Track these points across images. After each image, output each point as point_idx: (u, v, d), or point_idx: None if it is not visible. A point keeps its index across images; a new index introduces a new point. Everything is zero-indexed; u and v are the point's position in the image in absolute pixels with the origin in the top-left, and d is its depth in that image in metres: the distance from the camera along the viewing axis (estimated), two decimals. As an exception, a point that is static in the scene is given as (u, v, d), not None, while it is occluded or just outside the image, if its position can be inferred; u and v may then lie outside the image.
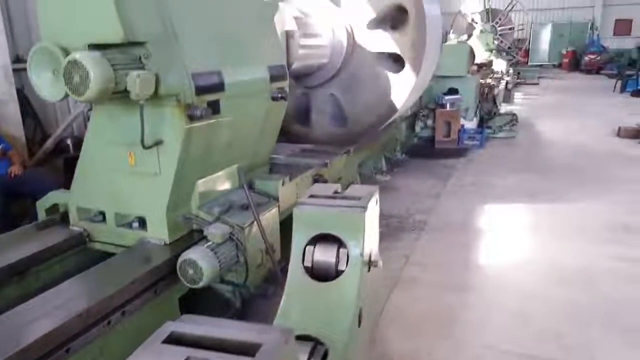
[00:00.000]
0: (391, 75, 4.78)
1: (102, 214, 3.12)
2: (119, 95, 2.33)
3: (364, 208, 1.96)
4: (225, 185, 3.32)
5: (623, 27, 28.00)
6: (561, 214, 5.35)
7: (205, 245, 2.78)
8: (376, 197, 2.16)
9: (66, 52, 2.32)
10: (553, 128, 10.32)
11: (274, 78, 3.50)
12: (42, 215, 3.48)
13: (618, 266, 4.12)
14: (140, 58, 2.42)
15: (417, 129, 8.36)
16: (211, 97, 2.81)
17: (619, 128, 9.18)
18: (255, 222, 3.04)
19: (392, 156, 7.64)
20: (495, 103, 10.21)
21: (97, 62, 2.16)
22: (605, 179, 6.62)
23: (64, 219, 3.31)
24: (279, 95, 3.49)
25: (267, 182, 3.65)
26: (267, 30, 3.49)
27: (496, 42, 19.74)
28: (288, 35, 3.91)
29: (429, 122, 8.47)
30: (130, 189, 2.94)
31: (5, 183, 4.62)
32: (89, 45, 2.34)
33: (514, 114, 10.07)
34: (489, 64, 12.63)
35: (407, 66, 4.69)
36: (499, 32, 22.12)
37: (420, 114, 8.23)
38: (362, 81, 4.86)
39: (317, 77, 4.87)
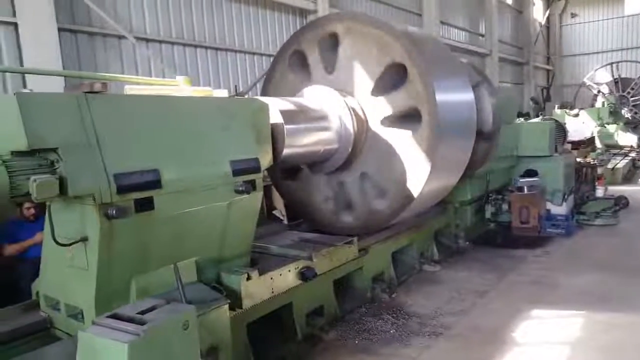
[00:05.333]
0: (401, 172, 4.55)
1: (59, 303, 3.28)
2: (23, 198, 2.50)
3: (135, 335, 1.73)
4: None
5: None
6: (629, 329, 4.30)
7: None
8: (189, 320, 1.91)
9: (-15, 159, 2.58)
10: (675, 214, 8.65)
11: (239, 171, 3.49)
12: (34, 297, 3.78)
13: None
14: (53, 162, 2.59)
15: (488, 214, 7.60)
16: (140, 194, 2.87)
17: None
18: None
19: (451, 244, 6.99)
20: (594, 185, 8.92)
21: (-10, 170, 2.37)
22: None
23: (41, 304, 3.55)
24: (242, 188, 3.46)
25: (230, 276, 3.56)
26: (232, 125, 3.53)
27: (628, 115, 17.75)
28: (273, 127, 3.92)
29: (504, 206, 7.65)
30: (71, 282, 3.07)
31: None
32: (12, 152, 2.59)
33: (622, 197, 8.69)
34: (589, 142, 11.21)
35: (420, 166, 4.45)
36: (632, 103, 19.91)
37: (489, 197, 7.51)
38: (371, 175, 4.66)
39: (331, 163, 4.77)
